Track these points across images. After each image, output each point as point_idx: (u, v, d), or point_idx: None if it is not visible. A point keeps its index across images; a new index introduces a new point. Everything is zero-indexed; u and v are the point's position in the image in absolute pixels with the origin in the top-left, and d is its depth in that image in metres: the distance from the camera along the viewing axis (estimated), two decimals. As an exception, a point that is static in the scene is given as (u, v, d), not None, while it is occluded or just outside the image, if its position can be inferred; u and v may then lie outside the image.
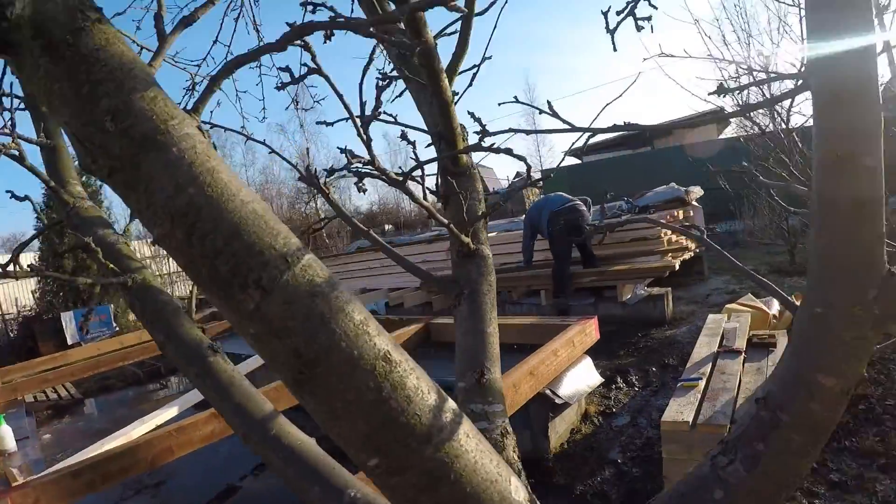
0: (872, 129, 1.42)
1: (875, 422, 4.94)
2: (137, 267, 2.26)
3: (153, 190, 1.24)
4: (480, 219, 2.52)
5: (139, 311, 2.19)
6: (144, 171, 1.24)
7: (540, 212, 10.77)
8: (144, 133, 1.24)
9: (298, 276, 1.29)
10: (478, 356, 2.39)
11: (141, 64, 1.30)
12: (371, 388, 1.32)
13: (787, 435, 1.61)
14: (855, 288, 1.48)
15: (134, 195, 1.28)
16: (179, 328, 2.12)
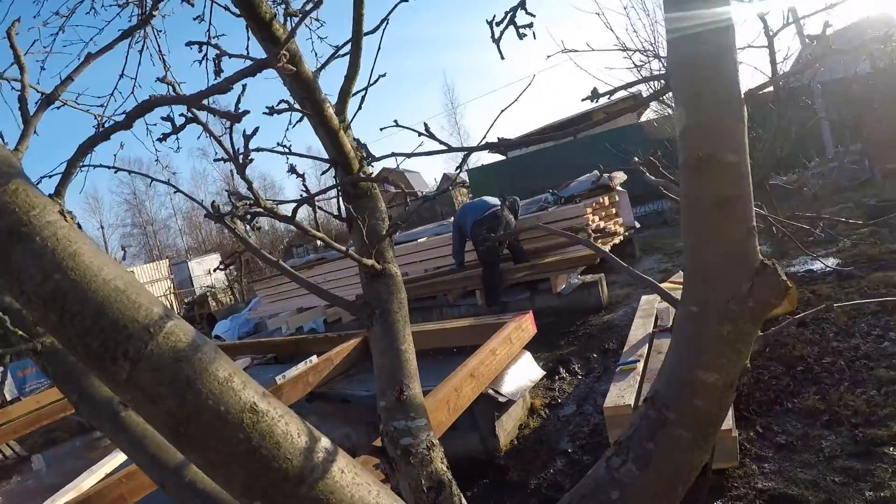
0: (733, 126, 1.45)
1: (814, 381, 5.07)
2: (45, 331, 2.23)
3: (24, 279, 1.29)
4: (383, 239, 2.52)
5: (51, 374, 2.19)
6: (14, 262, 1.29)
7: (465, 218, 10.87)
8: (9, 227, 1.30)
9: (162, 344, 1.35)
10: (395, 374, 2.40)
11: (4, 157, 1.32)
12: (241, 439, 1.39)
13: (675, 432, 1.64)
14: (728, 283, 1.51)
15: (8, 283, 1.32)
16: (90, 387, 2.15)
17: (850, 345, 5.55)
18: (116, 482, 4.10)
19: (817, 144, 17.11)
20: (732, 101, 1.42)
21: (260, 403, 1.46)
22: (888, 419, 4.21)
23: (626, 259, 12.25)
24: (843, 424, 4.31)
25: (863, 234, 9.30)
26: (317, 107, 2.12)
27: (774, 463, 4.10)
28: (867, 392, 4.64)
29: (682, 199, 1.55)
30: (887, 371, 4.84)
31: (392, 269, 2.56)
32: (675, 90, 1.48)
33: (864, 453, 3.94)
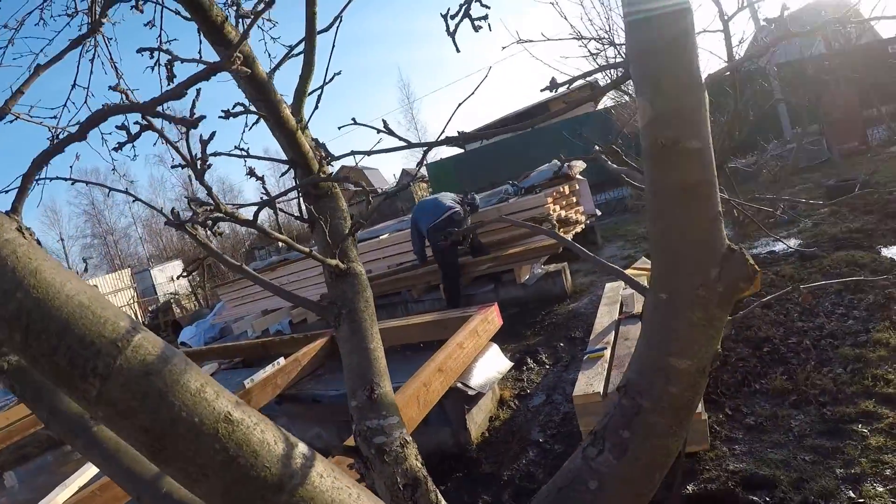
0: (695, 112, 1.44)
1: (781, 361, 5.13)
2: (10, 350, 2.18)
3: None
4: (346, 238, 2.50)
5: (19, 393, 2.15)
6: None
7: (420, 219, 10.69)
8: None
9: (131, 358, 1.32)
10: (365, 373, 2.38)
11: None
12: (218, 449, 1.37)
13: (650, 419, 1.64)
14: (696, 270, 1.51)
15: None
16: (60, 403, 2.12)
17: (815, 324, 5.62)
18: (90, 495, 4.07)
19: (775, 126, 17.29)
20: (693, 87, 1.42)
21: (234, 413, 1.44)
22: (855, 397, 4.27)
23: (588, 247, 12.26)
24: (811, 403, 4.36)
25: (823, 214, 9.42)
26: (273, 108, 2.09)
27: (745, 444, 4.14)
28: (833, 370, 4.71)
29: (646, 187, 1.54)
30: (852, 349, 4.91)
31: (357, 268, 2.54)
32: (636, 77, 1.47)
33: (833, 431, 3.99)
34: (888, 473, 3.45)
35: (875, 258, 6.99)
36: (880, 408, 4.07)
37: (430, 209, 10.48)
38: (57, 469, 9.62)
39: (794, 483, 3.59)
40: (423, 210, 10.61)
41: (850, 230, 8.21)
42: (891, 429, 3.81)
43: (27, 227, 1.41)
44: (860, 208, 9.13)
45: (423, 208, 10.65)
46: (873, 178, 10.60)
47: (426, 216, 10.43)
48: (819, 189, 11.36)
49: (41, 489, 7.58)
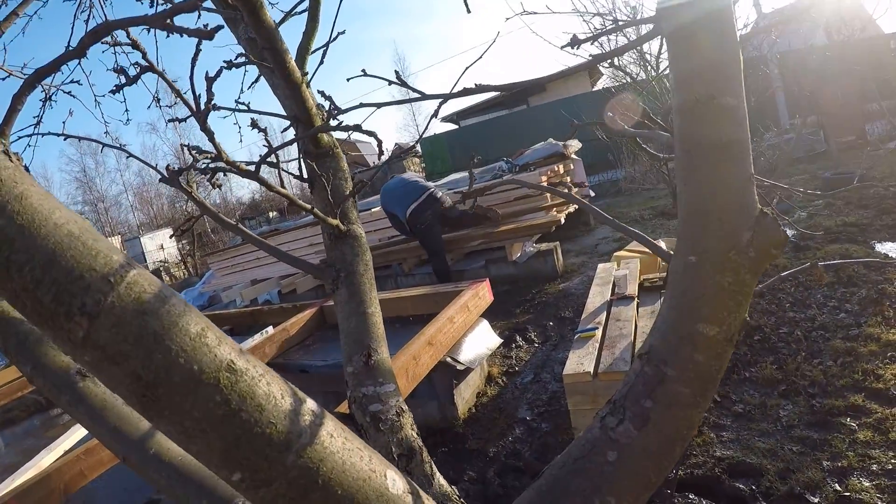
0: (731, 68, 1.39)
1: (771, 350, 5.11)
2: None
3: None
4: (348, 199, 2.44)
5: (2, 346, 2.06)
6: None
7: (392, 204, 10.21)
8: None
9: (124, 295, 1.19)
10: (363, 338, 2.33)
11: None
12: (218, 402, 1.24)
13: (674, 388, 1.58)
14: (728, 232, 1.45)
15: None
16: (44, 357, 2.02)
17: (807, 315, 5.61)
18: (75, 459, 4.01)
19: (773, 115, 17.28)
20: (730, 42, 1.37)
21: (238, 361, 1.32)
22: (845, 390, 4.25)
23: (580, 227, 12.40)
24: (800, 394, 4.34)
25: (818, 206, 9.42)
26: (279, 57, 2.02)
27: (732, 431, 4.11)
28: (824, 363, 4.69)
29: (676, 145, 1.49)
30: (843, 342, 4.89)
31: (357, 231, 2.48)
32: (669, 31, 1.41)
33: (822, 423, 3.97)
34: (875, 468, 3.43)
35: (868, 253, 7.00)
36: (869, 402, 4.05)
37: (402, 192, 10.07)
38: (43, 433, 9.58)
39: (780, 473, 3.57)
40: (393, 195, 10.18)
41: (845, 223, 8.21)
42: (879, 424, 3.79)
43: (15, 152, 1.30)
44: (856, 202, 9.12)
45: (393, 193, 10.23)
46: (870, 173, 10.61)
47: (400, 201, 9.97)
48: (815, 180, 11.36)
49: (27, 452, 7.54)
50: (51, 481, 3.82)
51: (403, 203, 9.81)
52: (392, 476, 1.57)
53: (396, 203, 9.96)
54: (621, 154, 16.33)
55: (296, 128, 2.46)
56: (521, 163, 12.44)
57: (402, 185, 10.07)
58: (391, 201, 10.12)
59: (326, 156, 2.54)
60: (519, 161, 12.62)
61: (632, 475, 1.64)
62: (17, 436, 9.92)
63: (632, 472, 1.64)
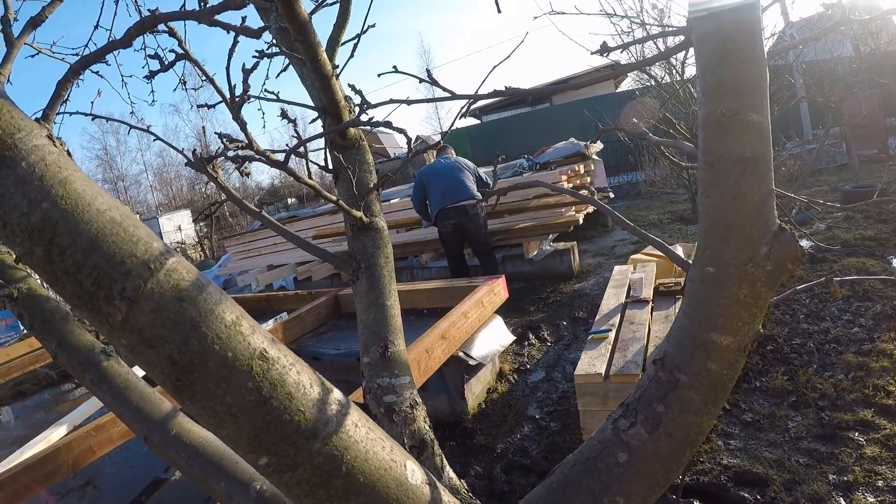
0: (758, 84, 1.41)
1: (783, 361, 5.11)
2: (22, 276, 2.17)
3: (7, 208, 1.16)
4: (372, 191, 2.46)
5: (28, 322, 2.11)
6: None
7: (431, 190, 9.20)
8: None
9: (163, 282, 1.23)
10: (380, 330, 2.35)
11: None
12: (250, 388, 1.28)
13: (687, 395, 1.61)
14: (747, 245, 1.48)
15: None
16: (69, 335, 2.06)
17: (821, 328, 5.60)
18: (85, 435, 4.06)
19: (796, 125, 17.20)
20: (757, 59, 1.39)
21: (270, 350, 1.35)
22: (854, 404, 4.25)
23: (598, 229, 12.39)
24: (809, 406, 4.35)
25: (837, 219, 9.38)
26: (311, 51, 2.04)
27: (740, 440, 4.13)
28: (835, 376, 4.69)
29: (700, 158, 1.51)
30: (856, 356, 4.88)
31: (379, 223, 2.51)
32: (699, 44, 1.43)
33: (830, 436, 3.98)
34: (880, 485, 3.43)
35: (886, 268, 6.96)
36: (878, 418, 4.05)
37: (446, 184, 9.09)
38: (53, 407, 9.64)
39: (786, 484, 3.58)
40: (437, 178, 9.15)
41: (864, 237, 8.17)
42: (887, 440, 3.80)
43: (58, 137, 1.32)
44: (875, 216, 9.08)
45: (437, 177, 9.18)
46: (891, 188, 10.55)
47: (440, 191, 9.03)
48: (835, 193, 11.31)
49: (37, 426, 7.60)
50: (60, 455, 3.86)
51: (439, 197, 9.02)
52: (412, 467, 1.60)
53: (435, 190, 9.11)
54: (642, 157, 16.30)
55: (323, 119, 2.48)
56: (542, 161, 12.43)
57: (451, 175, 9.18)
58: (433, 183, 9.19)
59: (352, 148, 2.56)
60: (540, 159, 12.61)
61: (641, 477, 1.67)
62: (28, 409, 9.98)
63: (641, 473, 1.67)
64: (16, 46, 1.67)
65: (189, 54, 1.66)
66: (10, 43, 1.67)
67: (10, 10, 1.76)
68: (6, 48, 1.65)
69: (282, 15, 1.83)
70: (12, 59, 1.60)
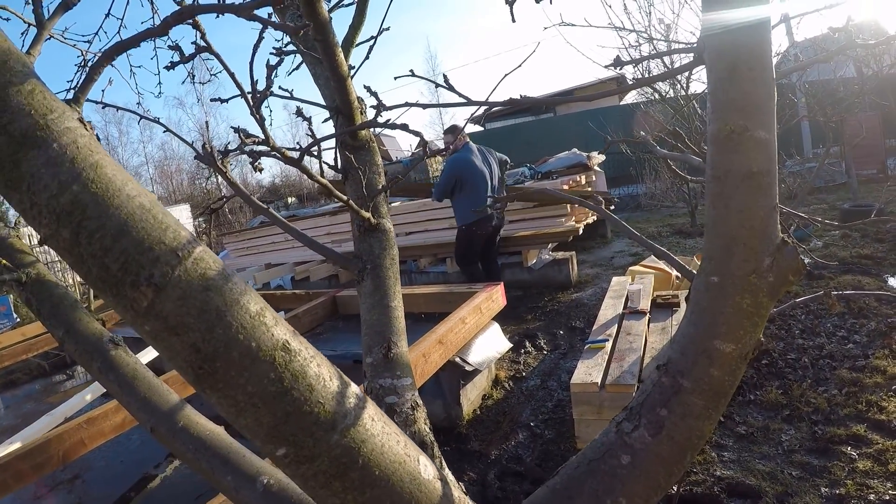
0: (766, 103, 1.45)
1: (777, 375, 5.15)
2: (31, 261, 2.18)
3: (36, 189, 1.17)
4: (380, 193, 2.49)
5: (35, 308, 2.12)
6: (25, 170, 1.16)
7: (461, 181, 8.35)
8: (23, 130, 1.16)
9: (191, 270, 1.24)
10: (384, 331, 2.37)
11: (17, 54, 1.20)
12: (272, 379, 1.29)
13: (689, 400, 1.65)
14: (751, 257, 1.52)
15: (16, 195, 1.20)
16: (78, 322, 2.06)
17: (815, 343, 5.64)
18: (76, 427, 4.05)
19: (797, 142, 17.25)
20: (767, 79, 1.42)
21: (292, 342, 1.37)
22: (847, 419, 4.29)
23: (597, 240, 12.43)
24: (803, 420, 4.39)
25: (834, 237, 9.43)
26: (329, 50, 2.06)
27: (734, 452, 4.16)
28: (829, 391, 4.73)
29: (708, 172, 1.55)
30: (850, 372, 4.93)
31: (386, 225, 2.53)
32: (710, 63, 1.47)
33: (822, 450, 4.01)
34: (872, 498, 3.46)
35: (881, 286, 7.01)
36: (871, 433, 4.09)
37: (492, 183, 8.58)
38: (44, 398, 9.63)
39: (778, 496, 3.61)
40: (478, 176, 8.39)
41: (860, 255, 8.24)
42: (879, 455, 3.83)
43: (88, 121, 1.31)
44: (872, 235, 9.15)
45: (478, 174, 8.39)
46: (888, 207, 10.60)
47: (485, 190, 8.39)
48: (833, 211, 11.38)
49: (27, 416, 7.60)
50: (50, 447, 3.85)
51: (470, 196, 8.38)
52: (424, 462, 1.63)
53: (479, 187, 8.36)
54: (643, 169, 16.33)
55: (335, 119, 2.51)
56: (544, 170, 12.47)
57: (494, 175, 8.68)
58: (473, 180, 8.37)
59: (362, 149, 2.58)
60: (542, 168, 12.65)
61: (644, 479, 1.71)
62: (18, 399, 9.97)
63: (644, 476, 1.70)
64: (46, 28, 1.69)
65: (211, 47, 1.68)
66: (40, 25, 1.69)
67: (42, -9, 1.78)
68: (37, 30, 1.68)
69: (304, 14, 1.86)
70: (42, 41, 1.63)
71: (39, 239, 1.26)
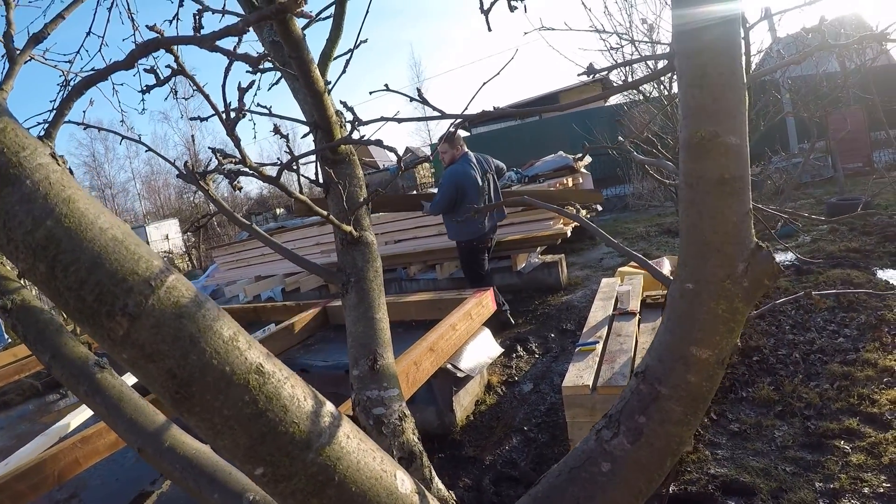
0: (737, 108, 1.46)
1: (769, 371, 5.16)
2: (16, 287, 2.18)
3: (11, 226, 1.19)
4: (362, 206, 2.50)
5: (21, 334, 2.12)
6: (0, 207, 1.19)
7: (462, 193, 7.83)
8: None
9: (164, 298, 1.26)
10: (369, 343, 2.38)
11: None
12: (247, 401, 1.31)
13: (667, 406, 1.66)
14: (724, 263, 1.52)
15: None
16: (63, 347, 2.07)
17: (806, 338, 5.66)
18: (70, 446, 4.04)
19: (782, 139, 17.31)
20: (737, 84, 1.43)
21: (266, 364, 1.39)
22: (840, 413, 4.30)
23: (585, 242, 12.43)
24: (795, 416, 4.40)
25: (822, 231, 9.46)
26: (304, 67, 2.07)
27: (727, 450, 4.17)
28: (820, 385, 4.74)
29: (681, 178, 1.56)
30: (841, 366, 4.94)
31: (369, 237, 2.54)
32: (680, 68, 1.47)
33: (816, 445, 4.03)
34: (866, 491, 3.48)
35: (870, 279, 7.03)
36: (864, 426, 4.10)
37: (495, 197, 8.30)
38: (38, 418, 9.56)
39: (773, 492, 3.62)
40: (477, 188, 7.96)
41: (848, 249, 8.26)
42: (872, 448, 3.85)
43: (61, 155, 1.35)
44: (859, 228, 9.16)
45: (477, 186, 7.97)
46: (875, 200, 10.63)
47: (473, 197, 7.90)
48: (820, 205, 11.40)
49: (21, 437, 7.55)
50: (45, 467, 3.85)
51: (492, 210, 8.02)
52: (401, 476, 1.64)
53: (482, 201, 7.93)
54: (630, 170, 16.38)
55: (315, 134, 2.52)
56: (531, 174, 12.49)
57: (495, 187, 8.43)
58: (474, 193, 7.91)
59: (343, 162, 2.59)
60: (529, 172, 12.67)
61: (624, 486, 1.72)
62: (12, 420, 9.88)
63: (624, 482, 1.71)
64: (18, 62, 1.69)
65: (185, 70, 1.69)
66: (12, 59, 1.70)
67: (12, 27, 1.79)
68: (9, 65, 1.68)
69: (276, 32, 1.87)
70: (14, 76, 1.63)
71: (18, 273, 1.28)
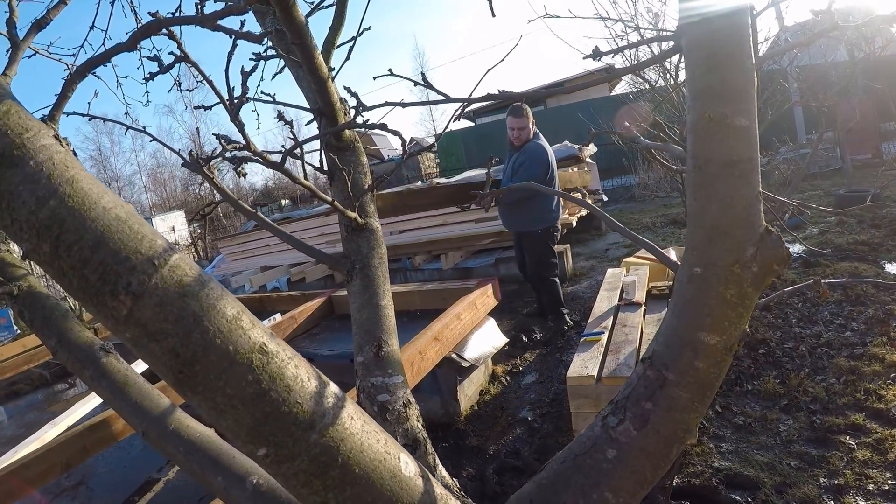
0: (745, 89, 1.44)
1: (775, 364, 5.13)
2: (22, 274, 2.20)
3: (15, 206, 1.20)
4: (366, 192, 2.49)
5: (28, 319, 2.14)
6: (4, 188, 1.19)
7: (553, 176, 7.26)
8: (0, 149, 1.19)
9: (167, 277, 1.26)
10: (374, 330, 2.38)
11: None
12: (250, 381, 1.31)
13: (674, 393, 1.64)
14: (733, 247, 1.50)
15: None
16: (69, 332, 2.09)
17: (813, 332, 5.62)
18: (79, 435, 4.06)
19: (790, 129, 17.25)
20: (745, 65, 1.41)
21: (269, 344, 1.38)
22: (846, 408, 4.27)
23: (591, 232, 12.40)
24: (801, 410, 4.37)
25: (830, 223, 9.41)
26: (307, 53, 2.06)
27: (732, 443, 4.15)
28: (827, 380, 4.71)
29: (688, 161, 1.54)
30: (847, 360, 4.91)
31: (373, 224, 2.53)
32: (688, 50, 1.46)
33: (821, 440, 4.00)
34: (871, 488, 3.46)
35: (878, 272, 6.99)
36: (870, 422, 4.08)
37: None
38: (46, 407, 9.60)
39: (777, 487, 3.60)
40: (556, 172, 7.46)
41: (856, 242, 8.21)
42: (878, 444, 3.82)
43: (64, 137, 1.35)
44: (868, 221, 9.12)
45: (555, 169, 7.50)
46: (884, 192, 10.57)
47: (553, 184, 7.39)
48: (828, 197, 11.36)
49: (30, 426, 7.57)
50: (53, 455, 3.86)
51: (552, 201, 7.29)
52: (405, 459, 1.63)
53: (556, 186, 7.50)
54: (636, 160, 16.33)
55: (319, 121, 2.51)
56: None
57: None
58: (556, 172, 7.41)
59: (347, 149, 2.58)
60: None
61: (629, 473, 1.70)
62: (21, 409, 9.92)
63: (630, 469, 1.70)
64: (21, 48, 1.69)
65: (188, 56, 1.67)
66: (15, 45, 1.70)
67: (14, 13, 1.78)
68: (11, 50, 1.68)
69: (279, 19, 1.85)
70: (18, 61, 1.63)
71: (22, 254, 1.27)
